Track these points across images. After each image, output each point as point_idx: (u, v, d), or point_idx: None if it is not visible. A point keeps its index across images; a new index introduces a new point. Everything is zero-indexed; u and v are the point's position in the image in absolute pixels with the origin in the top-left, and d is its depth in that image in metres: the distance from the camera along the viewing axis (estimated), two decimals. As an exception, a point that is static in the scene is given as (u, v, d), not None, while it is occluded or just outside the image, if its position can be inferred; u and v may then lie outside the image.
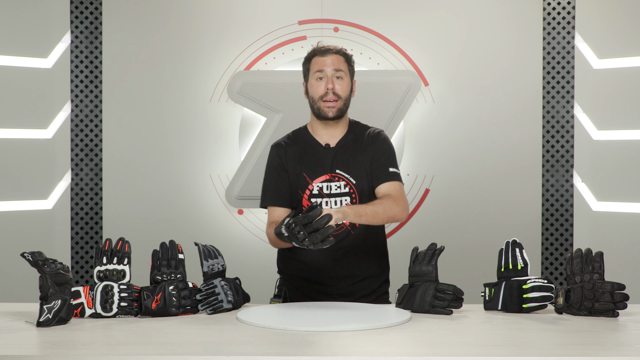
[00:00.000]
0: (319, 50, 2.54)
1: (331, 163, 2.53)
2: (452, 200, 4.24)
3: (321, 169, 2.53)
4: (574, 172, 4.18)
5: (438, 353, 1.73)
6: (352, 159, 2.53)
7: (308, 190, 2.52)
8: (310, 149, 2.57)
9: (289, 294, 2.57)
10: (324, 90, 2.50)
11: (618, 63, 4.08)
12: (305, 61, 2.59)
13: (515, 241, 2.32)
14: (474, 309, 2.27)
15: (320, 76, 2.51)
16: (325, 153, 2.55)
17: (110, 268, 2.19)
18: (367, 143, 2.56)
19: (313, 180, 2.52)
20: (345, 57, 2.55)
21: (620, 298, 2.13)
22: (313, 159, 2.55)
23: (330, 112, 2.51)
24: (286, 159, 2.56)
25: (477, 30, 4.24)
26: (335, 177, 2.52)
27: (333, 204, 2.50)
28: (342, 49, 2.56)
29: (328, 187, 2.51)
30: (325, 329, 1.95)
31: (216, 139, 4.25)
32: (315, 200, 2.51)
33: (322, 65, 2.51)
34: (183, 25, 4.25)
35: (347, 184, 2.51)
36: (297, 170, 2.54)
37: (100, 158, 4.23)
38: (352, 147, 2.55)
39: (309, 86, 2.56)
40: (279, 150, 2.59)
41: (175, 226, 4.22)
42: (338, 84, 2.51)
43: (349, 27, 4.23)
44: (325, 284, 2.52)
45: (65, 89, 4.17)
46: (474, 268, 4.10)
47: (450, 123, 4.23)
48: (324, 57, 2.52)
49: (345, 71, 2.53)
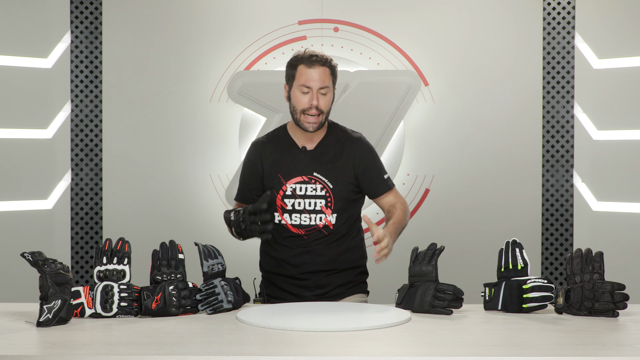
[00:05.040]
0: (306, 59, 2.52)
1: (308, 165, 2.56)
2: (452, 200, 4.23)
3: (296, 170, 2.56)
4: (574, 172, 4.18)
5: (438, 353, 1.73)
6: (330, 163, 2.56)
7: (282, 191, 2.56)
8: (286, 150, 2.59)
9: (268, 290, 2.64)
10: (308, 105, 2.50)
11: (618, 63, 4.08)
12: (289, 66, 2.57)
13: (515, 241, 2.32)
14: (474, 309, 2.27)
15: (305, 90, 2.51)
16: (301, 155, 2.57)
17: (110, 268, 2.19)
18: (346, 149, 2.58)
19: (287, 182, 2.55)
20: (331, 69, 2.54)
21: (620, 298, 2.13)
22: (288, 161, 2.57)
23: (311, 127, 2.52)
24: (262, 158, 2.60)
25: (477, 30, 4.24)
26: (312, 180, 2.55)
27: (307, 205, 2.54)
28: (329, 60, 2.54)
29: (302, 188, 2.55)
30: (325, 329, 1.95)
31: (216, 139, 4.25)
32: (288, 200, 2.55)
33: (308, 80, 2.50)
34: (183, 25, 4.25)
35: (324, 187, 2.55)
36: (273, 170, 2.58)
37: (100, 158, 4.23)
38: (332, 151, 2.58)
39: (292, 95, 2.55)
40: (257, 148, 2.64)
41: (175, 226, 4.22)
42: (322, 100, 2.51)
43: (349, 27, 4.23)
44: (301, 278, 2.57)
45: (65, 89, 4.17)
46: (474, 268, 4.10)
47: (450, 123, 4.23)
48: (311, 70, 2.50)
49: (330, 86, 2.53)
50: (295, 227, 2.56)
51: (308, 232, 2.56)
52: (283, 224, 2.57)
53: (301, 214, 2.55)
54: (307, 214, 2.55)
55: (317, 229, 2.55)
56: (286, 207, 2.55)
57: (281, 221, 2.57)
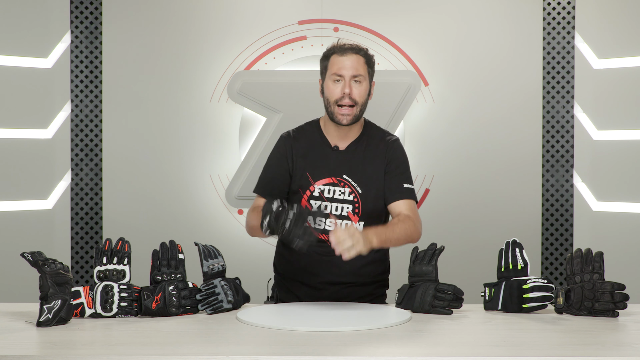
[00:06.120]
0: (338, 48, 2.39)
1: (337, 166, 2.43)
2: (452, 200, 4.24)
3: (326, 171, 2.43)
4: (574, 172, 4.18)
5: (438, 353, 1.73)
6: (361, 166, 2.43)
7: (309, 191, 2.43)
8: (317, 148, 2.46)
9: (282, 295, 2.53)
10: (340, 94, 2.36)
11: (618, 63, 4.08)
12: (323, 58, 2.44)
13: (515, 241, 2.32)
14: (474, 309, 2.27)
15: (338, 78, 2.37)
16: (332, 155, 2.44)
17: (110, 268, 2.19)
18: (380, 152, 2.45)
19: (315, 182, 2.42)
20: (365, 58, 2.40)
21: (620, 298, 2.13)
22: (319, 159, 2.44)
23: (345, 119, 2.38)
24: (292, 153, 2.46)
25: (477, 30, 4.24)
26: (341, 182, 2.41)
27: (333, 210, 2.41)
28: (363, 49, 2.41)
29: (331, 190, 2.42)
30: (325, 329, 1.94)
31: (216, 139, 4.25)
32: (315, 202, 2.42)
33: (341, 68, 2.36)
34: (183, 25, 4.25)
35: (352, 192, 2.41)
36: (301, 167, 2.44)
37: (100, 158, 4.23)
38: (363, 154, 2.44)
39: (325, 87, 2.42)
40: (287, 142, 2.48)
41: (175, 226, 4.22)
42: (356, 89, 2.37)
43: (349, 27, 4.23)
44: (318, 288, 2.44)
45: (65, 89, 4.17)
46: (474, 268, 4.10)
47: (450, 123, 4.23)
48: (343, 57, 2.37)
49: (365, 74, 2.39)
50: (319, 231, 2.38)
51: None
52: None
53: (327, 218, 2.39)
54: (332, 218, 2.41)
55: None
56: (311, 210, 2.38)
57: None
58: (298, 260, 2.45)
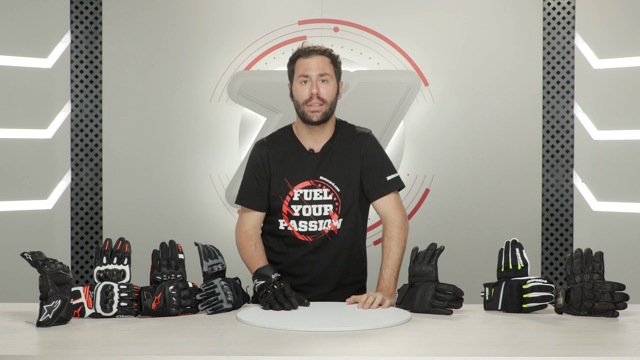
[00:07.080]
0: (303, 51, 2.45)
1: (314, 169, 2.47)
2: (452, 200, 4.23)
3: (303, 174, 2.47)
4: (574, 172, 4.18)
5: (438, 353, 1.73)
6: (337, 165, 2.48)
7: (289, 197, 2.47)
8: (293, 153, 2.50)
9: None
10: (308, 95, 2.42)
11: (618, 63, 4.08)
12: (289, 62, 2.50)
13: (515, 241, 2.32)
14: (474, 309, 2.27)
15: (305, 80, 2.43)
16: (308, 158, 2.49)
17: (110, 268, 2.19)
18: (354, 148, 2.50)
19: (294, 186, 2.47)
20: (330, 58, 2.46)
21: (620, 298, 2.13)
22: (295, 164, 2.48)
23: (315, 116, 2.43)
24: (268, 160, 2.50)
25: (477, 30, 4.24)
26: (318, 184, 2.47)
27: (314, 211, 2.46)
28: (328, 50, 2.47)
29: (310, 193, 2.46)
30: (325, 329, 1.95)
31: (216, 139, 4.25)
32: (295, 207, 2.46)
33: (307, 69, 2.43)
34: (183, 25, 4.25)
35: (331, 191, 2.47)
36: (279, 174, 2.49)
37: (100, 158, 4.23)
38: (337, 152, 2.49)
39: (294, 89, 2.48)
40: (263, 149, 2.52)
41: (175, 226, 4.22)
42: (323, 88, 2.43)
43: (349, 27, 4.23)
44: (301, 290, 2.47)
45: (65, 89, 4.17)
46: (474, 268, 4.10)
47: (450, 123, 4.23)
48: (308, 59, 2.43)
49: (331, 74, 2.45)
50: (302, 234, 2.48)
51: (314, 238, 2.48)
52: (290, 230, 2.48)
53: (309, 220, 2.47)
54: (314, 220, 2.47)
55: (323, 235, 2.48)
56: (293, 214, 2.47)
57: (287, 227, 2.49)
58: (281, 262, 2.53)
